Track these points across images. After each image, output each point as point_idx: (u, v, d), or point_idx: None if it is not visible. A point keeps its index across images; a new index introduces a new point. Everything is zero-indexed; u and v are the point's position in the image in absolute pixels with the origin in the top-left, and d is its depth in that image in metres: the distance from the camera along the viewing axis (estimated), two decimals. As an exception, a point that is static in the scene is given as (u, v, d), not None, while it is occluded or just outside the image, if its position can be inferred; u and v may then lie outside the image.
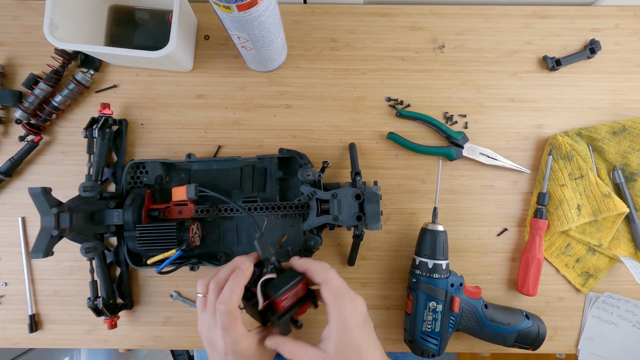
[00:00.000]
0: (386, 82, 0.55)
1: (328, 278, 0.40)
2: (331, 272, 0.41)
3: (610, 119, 0.54)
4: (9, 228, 0.54)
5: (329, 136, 0.55)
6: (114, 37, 0.55)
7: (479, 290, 0.49)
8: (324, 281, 0.40)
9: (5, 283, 0.54)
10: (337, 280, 0.40)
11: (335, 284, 0.40)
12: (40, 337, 0.54)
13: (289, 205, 0.50)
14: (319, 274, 0.40)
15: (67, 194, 0.53)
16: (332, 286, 0.40)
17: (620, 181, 0.52)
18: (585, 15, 0.55)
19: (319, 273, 0.40)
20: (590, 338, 0.52)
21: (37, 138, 0.52)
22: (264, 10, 0.39)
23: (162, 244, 0.47)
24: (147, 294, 0.54)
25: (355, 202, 0.47)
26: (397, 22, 0.55)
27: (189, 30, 0.53)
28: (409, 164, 0.54)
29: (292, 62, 0.55)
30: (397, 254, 0.54)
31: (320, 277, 0.40)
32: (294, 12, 0.56)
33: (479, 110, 0.55)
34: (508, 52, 0.55)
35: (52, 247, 0.42)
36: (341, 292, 0.39)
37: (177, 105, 0.55)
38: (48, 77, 0.52)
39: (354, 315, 0.39)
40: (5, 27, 0.55)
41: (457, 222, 0.54)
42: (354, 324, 0.38)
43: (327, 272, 0.40)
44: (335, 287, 0.40)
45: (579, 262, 0.53)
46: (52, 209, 0.42)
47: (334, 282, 0.40)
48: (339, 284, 0.40)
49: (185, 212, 0.50)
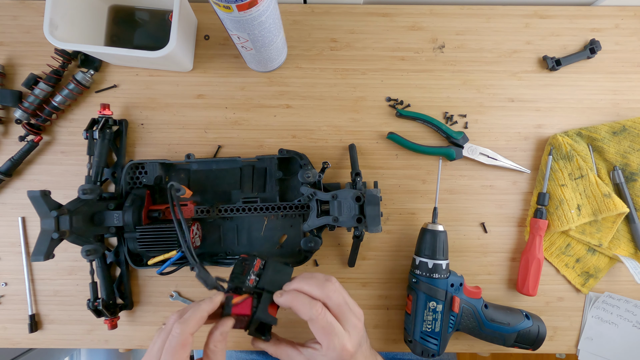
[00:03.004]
0: (386, 82, 0.55)
1: (313, 316, 0.37)
2: (315, 308, 0.37)
3: (610, 119, 0.54)
4: (9, 228, 0.54)
5: (329, 136, 0.55)
6: (114, 37, 0.55)
7: (479, 290, 0.49)
8: (309, 320, 0.37)
9: (5, 283, 0.54)
10: (324, 316, 0.37)
11: (322, 321, 0.37)
12: (40, 337, 0.54)
13: (289, 206, 0.50)
14: (304, 313, 0.37)
15: (67, 194, 0.54)
16: (318, 325, 0.37)
17: (620, 181, 0.52)
18: (585, 15, 0.55)
19: (303, 312, 0.37)
20: (590, 338, 0.52)
21: (37, 138, 0.52)
22: (264, 10, 0.39)
23: (163, 245, 0.47)
24: (147, 294, 0.54)
25: (356, 204, 0.47)
26: (397, 22, 0.55)
27: (189, 30, 0.53)
28: (409, 164, 0.54)
29: (292, 62, 0.55)
30: (397, 254, 0.54)
31: (305, 315, 0.38)
32: (294, 12, 0.56)
33: (479, 110, 0.55)
34: (508, 52, 0.55)
35: (52, 250, 0.42)
36: (328, 330, 0.37)
37: (177, 105, 0.55)
38: (48, 77, 0.52)
39: (345, 350, 0.37)
40: (5, 27, 0.55)
41: (457, 222, 0.54)
42: (346, 357, 0.38)
43: (312, 310, 0.37)
44: (322, 326, 0.37)
45: (579, 262, 0.53)
46: (52, 212, 0.42)
47: (320, 320, 0.37)
48: (324, 322, 0.37)
49: (186, 212, 0.50)
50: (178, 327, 0.35)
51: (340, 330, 0.38)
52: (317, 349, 0.39)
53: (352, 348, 0.38)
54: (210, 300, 0.37)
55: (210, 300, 0.37)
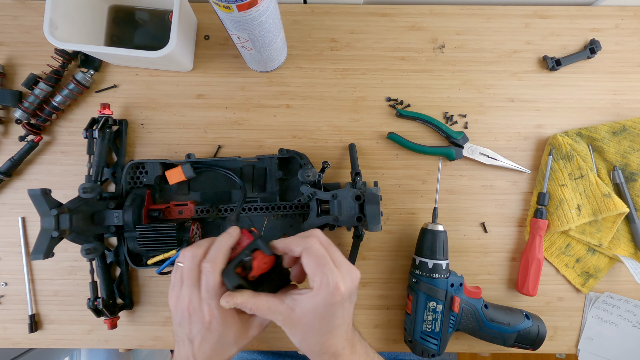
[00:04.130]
0: (386, 82, 0.55)
1: (307, 245, 0.35)
2: (311, 240, 0.35)
3: (610, 119, 0.54)
4: (9, 228, 0.54)
5: (329, 136, 0.55)
6: (114, 37, 0.55)
7: (479, 290, 0.49)
8: (303, 250, 0.35)
9: (5, 283, 0.54)
10: (319, 248, 0.35)
11: (317, 251, 0.35)
12: (40, 337, 0.54)
13: (289, 206, 0.50)
14: (297, 244, 0.36)
15: (67, 194, 0.54)
16: (312, 254, 0.35)
17: (620, 181, 0.52)
18: (585, 15, 0.55)
19: (296, 243, 0.36)
20: (590, 338, 0.52)
21: (37, 138, 0.52)
22: (264, 10, 0.39)
23: (163, 244, 0.47)
24: (147, 294, 0.54)
25: (356, 203, 0.47)
26: (397, 22, 0.55)
27: (189, 30, 0.53)
28: (409, 164, 0.54)
29: (292, 62, 0.55)
30: (397, 254, 0.54)
31: (298, 247, 0.36)
32: (294, 12, 0.56)
33: (479, 110, 0.55)
34: (508, 52, 0.55)
35: (52, 248, 0.42)
36: (323, 262, 0.35)
37: (177, 105, 0.55)
38: (48, 77, 0.52)
39: (338, 289, 0.34)
40: (5, 27, 0.55)
41: (457, 222, 0.54)
42: (337, 298, 0.34)
43: (306, 240, 0.35)
44: (316, 256, 0.35)
45: (579, 262, 0.53)
46: (52, 211, 0.42)
47: (315, 250, 0.35)
48: (320, 252, 0.35)
49: (185, 212, 0.50)
50: (209, 265, 0.35)
51: (334, 267, 0.35)
52: (304, 293, 0.36)
53: (345, 290, 0.35)
54: (229, 235, 0.38)
55: (227, 234, 0.38)
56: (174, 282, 0.38)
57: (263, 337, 0.54)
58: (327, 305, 0.34)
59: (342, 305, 0.35)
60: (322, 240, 0.37)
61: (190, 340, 0.37)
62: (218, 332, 0.36)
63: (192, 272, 0.36)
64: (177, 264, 0.38)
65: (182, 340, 0.38)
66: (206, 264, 0.36)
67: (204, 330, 0.36)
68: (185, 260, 0.37)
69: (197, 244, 0.38)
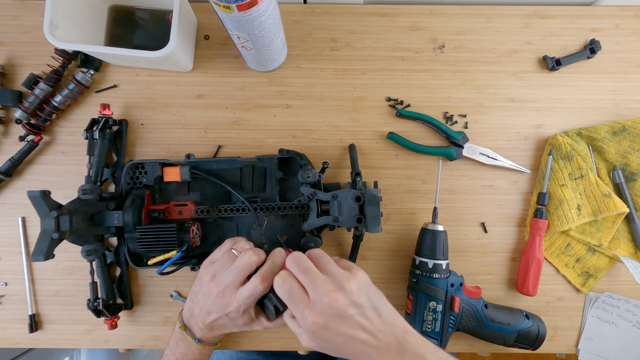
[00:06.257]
0: (386, 82, 0.55)
1: (275, 285, 0.38)
2: (279, 276, 0.38)
3: (610, 119, 0.54)
4: (9, 228, 0.54)
5: (329, 136, 0.55)
6: (114, 37, 0.55)
7: (479, 290, 0.49)
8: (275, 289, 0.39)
9: (5, 283, 0.54)
10: (281, 283, 0.38)
11: (281, 286, 0.37)
12: (40, 337, 0.54)
13: (289, 206, 0.50)
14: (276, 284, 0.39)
15: (67, 194, 0.54)
16: (279, 291, 0.38)
17: (620, 181, 0.52)
18: (585, 15, 0.55)
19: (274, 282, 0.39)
20: (590, 338, 0.52)
21: (37, 138, 0.52)
22: (264, 10, 0.39)
23: (163, 245, 0.47)
24: (147, 294, 0.54)
25: (356, 204, 0.47)
26: (397, 22, 0.55)
27: (189, 30, 0.53)
28: (409, 164, 0.54)
29: (292, 62, 0.55)
30: (397, 254, 0.54)
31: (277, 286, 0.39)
32: (294, 12, 0.56)
33: (479, 110, 0.55)
34: (508, 52, 0.55)
35: (52, 250, 0.42)
36: (288, 297, 0.37)
37: (177, 105, 0.55)
38: (48, 77, 0.52)
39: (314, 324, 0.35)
40: (5, 27, 0.55)
41: (457, 222, 0.54)
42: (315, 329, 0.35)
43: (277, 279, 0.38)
44: (282, 292, 0.38)
45: (579, 262, 0.53)
46: (52, 212, 0.42)
47: (279, 285, 0.38)
48: (285, 286, 0.37)
49: (185, 212, 0.50)
50: (261, 284, 0.39)
51: (301, 298, 0.36)
52: (298, 333, 0.38)
53: (318, 318, 0.34)
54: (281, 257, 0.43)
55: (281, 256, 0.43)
56: (219, 261, 0.43)
57: (263, 337, 0.54)
58: (315, 337, 0.36)
59: (326, 330, 0.35)
60: (288, 262, 0.39)
61: (207, 312, 0.42)
62: (232, 319, 0.42)
63: (242, 272, 0.41)
64: (233, 250, 0.43)
65: (197, 302, 0.44)
66: (257, 280, 0.40)
67: (222, 312, 0.41)
68: (243, 257, 0.41)
69: (257, 250, 0.43)
